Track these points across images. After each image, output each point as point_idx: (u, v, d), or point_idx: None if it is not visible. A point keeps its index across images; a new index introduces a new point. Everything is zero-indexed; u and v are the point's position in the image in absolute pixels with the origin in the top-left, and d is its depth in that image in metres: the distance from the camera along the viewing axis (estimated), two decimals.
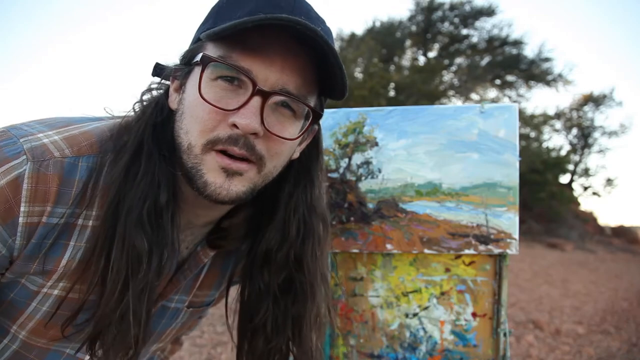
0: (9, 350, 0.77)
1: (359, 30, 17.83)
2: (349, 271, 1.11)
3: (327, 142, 1.09)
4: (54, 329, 0.73)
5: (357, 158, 1.09)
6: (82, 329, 0.70)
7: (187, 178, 0.68)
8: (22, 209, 0.62)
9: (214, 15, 0.68)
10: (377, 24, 16.39)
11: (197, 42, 0.69)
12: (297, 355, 0.84)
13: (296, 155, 0.78)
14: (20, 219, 0.62)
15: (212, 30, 0.62)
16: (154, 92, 0.76)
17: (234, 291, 0.89)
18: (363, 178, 1.08)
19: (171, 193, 0.70)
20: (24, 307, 0.72)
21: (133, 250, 0.65)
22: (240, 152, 0.64)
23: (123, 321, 0.66)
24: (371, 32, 15.80)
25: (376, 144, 1.08)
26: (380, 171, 1.07)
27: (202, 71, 0.64)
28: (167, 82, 0.75)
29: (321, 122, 1.09)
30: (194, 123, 0.65)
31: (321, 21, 0.70)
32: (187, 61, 0.70)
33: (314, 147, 0.82)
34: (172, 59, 0.75)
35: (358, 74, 12.98)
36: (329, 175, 1.09)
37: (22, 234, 0.63)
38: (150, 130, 0.70)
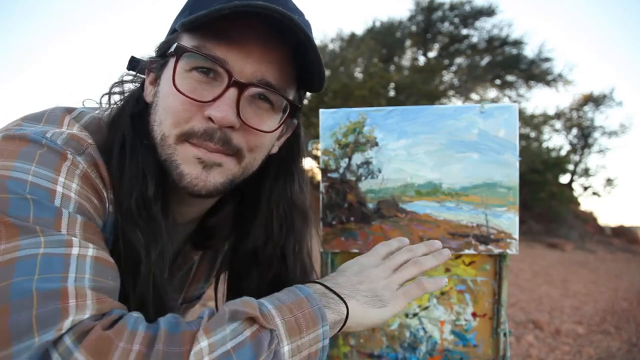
0: None
1: (359, 30, 17.80)
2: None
3: (327, 142, 1.09)
4: None
5: (357, 158, 1.09)
6: None
7: (163, 171, 0.66)
8: (105, 195, 0.61)
9: (190, 7, 0.67)
10: (377, 24, 16.38)
11: (173, 33, 0.67)
12: None
13: (275, 150, 0.77)
14: (109, 207, 0.62)
15: (187, 19, 0.61)
16: (127, 85, 0.75)
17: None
18: (363, 178, 1.08)
19: (159, 181, 0.67)
20: None
21: (131, 245, 0.64)
22: (215, 147, 0.63)
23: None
24: (371, 32, 15.79)
25: (376, 144, 1.08)
26: (380, 171, 1.07)
27: (176, 62, 0.62)
28: (143, 76, 0.73)
29: (321, 122, 1.09)
30: (167, 114, 0.64)
31: (299, 13, 0.68)
32: (162, 53, 0.68)
33: (294, 142, 0.81)
34: (150, 53, 0.73)
35: (358, 74, 12.97)
36: (329, 175, 1.09)
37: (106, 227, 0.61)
38: (129, 123, 0.68)
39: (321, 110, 1.09)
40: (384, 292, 0.69)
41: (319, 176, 1.10)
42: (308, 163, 0.96)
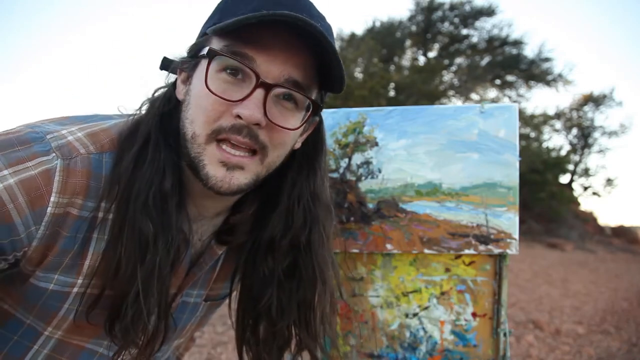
0: (40, 355, 0.77)
1: (359, 30, 17.81)
2: (349, 271, 1.11)
3: (327, 142, 1.09)
4: (91, 326, 0.74)
5: (357, 158, 1.09)
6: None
7: (190, 168, 0.71)
8: (52, 199, 0.64)
9: (220, 12, 0.71)
10: (377, 24, 16.38)
11: (203, 36, 0.72)
12: (304, 339, 0.85)
13: (298, 145, 0.80)
14: (49, 209, 0.64)
15: (218, 25, 0.65)
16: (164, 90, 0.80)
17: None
18: (363, 178, 1.08)
19: (176, 179, 0.72)
20: (57, 310, 0.73)
21: (140, 234, 0.68)
22: (244, 140, 0.67)
23: (136, 303, 0.68)
24: (371, 32, 15.79)
25: (376, 144, 1.08)
26: (380, 171, 1.07)
27: (209, 64, 0.67)
28: (175, 76, 0.78)
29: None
30: (199, 113, 0.68)
31: (321, 18, 0.73)
32: (194, 54, 0.73)
33: (317, 138, 0.84)
34: (178, 53, 0.78)
35: (358, 74, 12.97)
36: (329, 175, 1.09)
37: (47, 224, 0.65)
38: (158, 120, 0.73)
39: None
40: None
41: None
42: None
